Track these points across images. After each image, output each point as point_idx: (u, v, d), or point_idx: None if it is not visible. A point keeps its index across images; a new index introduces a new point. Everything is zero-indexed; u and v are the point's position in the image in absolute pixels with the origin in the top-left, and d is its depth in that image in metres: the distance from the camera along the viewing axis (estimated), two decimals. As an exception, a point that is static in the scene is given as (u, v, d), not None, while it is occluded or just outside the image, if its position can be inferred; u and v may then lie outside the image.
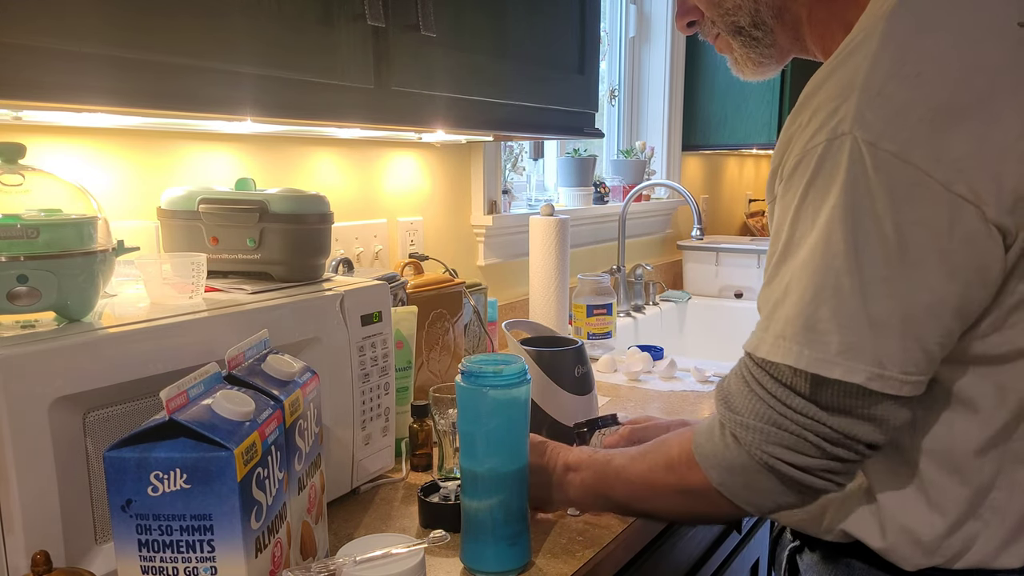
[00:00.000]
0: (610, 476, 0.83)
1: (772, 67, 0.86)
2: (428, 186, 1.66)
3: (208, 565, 0.61)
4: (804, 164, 0.65)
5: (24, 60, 0.67)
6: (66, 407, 0.67)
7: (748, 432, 0.68)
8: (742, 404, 0.70)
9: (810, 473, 0.68)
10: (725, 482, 0.71)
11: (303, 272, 0.99)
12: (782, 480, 0.69)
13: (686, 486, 0.75)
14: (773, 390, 0.68)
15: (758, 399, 0.68)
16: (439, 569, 0.85)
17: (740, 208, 3.29)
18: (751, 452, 0.69)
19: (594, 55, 1.47)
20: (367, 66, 0.98)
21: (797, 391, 0.66)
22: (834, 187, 0.62)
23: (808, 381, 0.66)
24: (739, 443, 0.69)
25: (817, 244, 0.64)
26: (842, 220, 0.62)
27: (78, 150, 1.06)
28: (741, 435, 0.69)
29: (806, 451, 0.67)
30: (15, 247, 0.69)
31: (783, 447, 0.67)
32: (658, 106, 2.55)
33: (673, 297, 2.40)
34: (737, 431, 0.69)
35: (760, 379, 0.69)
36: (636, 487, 0.81)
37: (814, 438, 0.66)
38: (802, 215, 0.65)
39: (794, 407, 0.67)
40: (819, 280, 0.64)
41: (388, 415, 1.05)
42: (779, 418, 0.67)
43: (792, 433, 0.67)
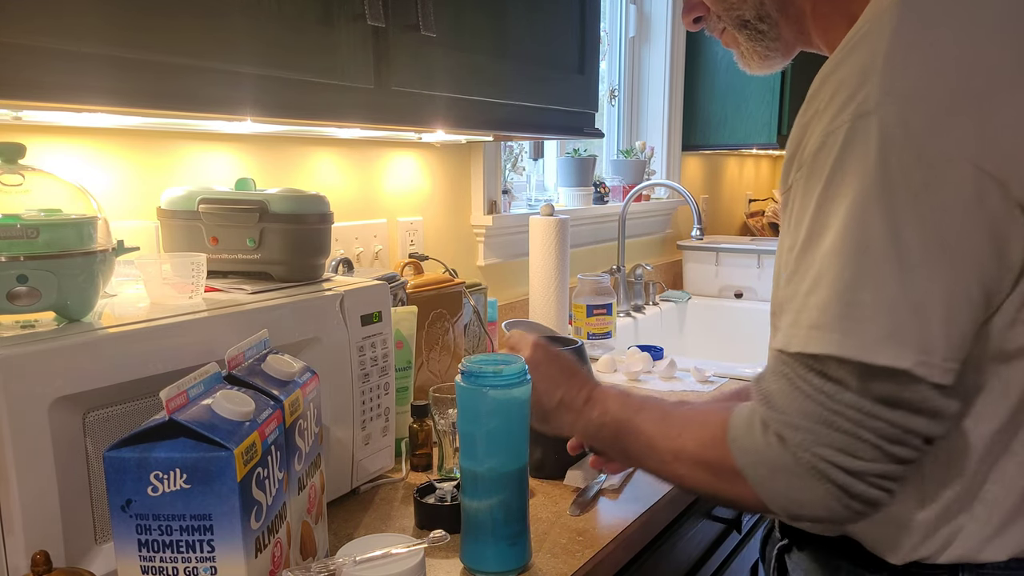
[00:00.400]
0: (632, 429, 0.79)
1: (778, 60, 0.85)
2: (428, 186, 1.66)
3: (208, 565, 0.61)
4: (828, 147, 0.63)
5: (24, 60, 0.67)
6: (66, 407, 0.67)
7: (796, 433, 0.63)
8: (787, 403, 0.64)
9: (863, 480, 0.62)
10: (763, 483, 0.66)
11: (303, 272, 0.99)
12: (830, 487, 0.63)
13: (715, 473, 0.70)
14: (820, 386, 0.62)
15: (805, 397, 0.63)
16: (439, 569, 0.85)
17: (740, 208, 3.29)
18: (797, 455, 0.63)
19: (594, 55, 1.47)
20: (367, 66, 0.98)
21: (847, 386, 0.61)
22: (865, 167, 0.60)
23: (856, 373, 0.61)
24: (784, 444, 0.64)
25: (850, 227, 0.60)
26: (877, 200, 0.59)
27: (78, 150, 1.06)
28: (788, 436, 0.64)
29: (861, 453, 0.62)
30: (15, 247, 0.69)
31: (835, 449, 0.62)
32: (658, 106, 2.55)
33: (673, 297, 2.40)
34: (783, 431, 0.64)
35: (803, 375, 0.64)
36: (659, 452, 0.75)
37: (870, 436, 0.61)
38: (830, 199, 0.62)
39: (846, 402, 0.62)
40: (855, 264, 0.60)
41: (388, 415, 1.05)
42: (830, 416, 0.62)
43: (845, 433, 0.62)
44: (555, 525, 0.95)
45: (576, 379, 0.86)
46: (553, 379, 0.86)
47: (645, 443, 0.77)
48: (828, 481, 0.63)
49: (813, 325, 0.62)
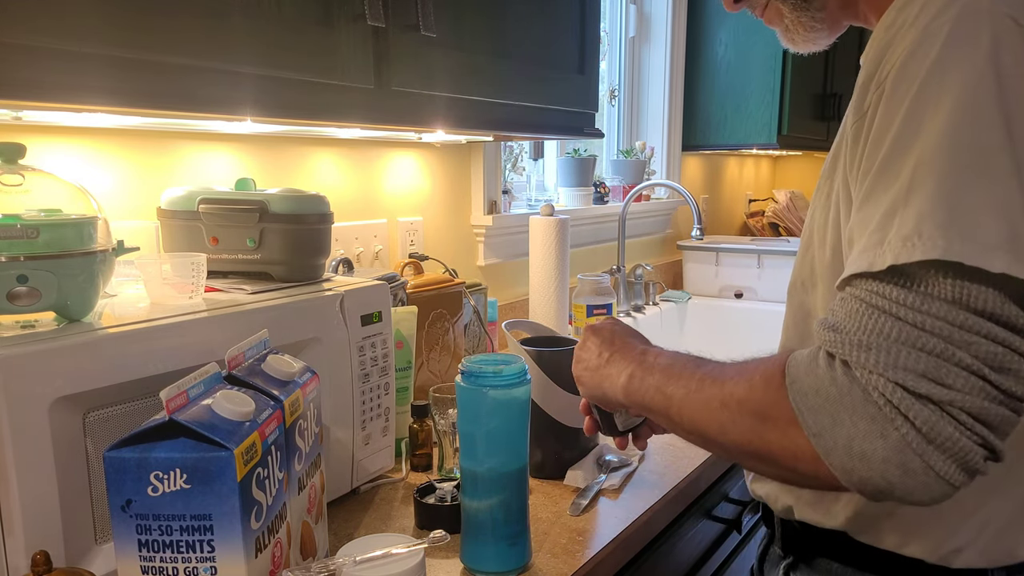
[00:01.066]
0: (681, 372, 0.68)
1: (824, 35, 0.81)
2: (428, 186, 1.66)
3: (208, 565, 0.61)
4: (926, 47, 0.56)
5: (24, 60, 0.67)
6: (66, 407, 0.67)
7: (869, 354, 0.52)
8: (857, 323, 0.53)
9: (954, 418, 0.50)
10: (823, 432, 0.53)
11: (303, 272, 0.99)
12: (908, 430, 0.50)
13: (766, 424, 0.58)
14: (903, 298, 0.52)
15: (881, 312, 0.52)
16: (439, 569, 0.85)
17: (740, 208, 3.29)
18: (869, 385, 0.51)
19: (594, 55, 1.47)
20: (367, 66, 0.98)
21: (938, 295, 0.51)
22: (972, 63, 0.54)
23: (956, 283, 0.50)
24: (852, 374, 0.52)
25: (954, 126, 0.53)
26: (987, 96, 0.53)
27: (78, 150, 1.06)
28: (858, 359, 0.52)
29: (952, 380, 0.50)
30: (15, 247, 0.69)
31: (918, 374, 0.50)
32: (658, 106, 2.55)
33: (673, 297, 2.40)
34: (853, 355, 0.52)
35: (883, 291, 0.53)
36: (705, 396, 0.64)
37: (965, 356, 0.50)
38: (926, 102, 0.55)
39: (935, 313, 0.50)
40: (962, 165, 0.52)
41: (388, 415, 1.05)
42: (914, 332, 0.51)
43: (933, 354, 0.50)
44: (555, 525, 0.95)
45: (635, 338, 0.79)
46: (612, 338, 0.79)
47: (694, 387, 0.65)
48: (904, 419, 0.50)
49: (909, 235, 0.52)
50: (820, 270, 0.72)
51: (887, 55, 0.59)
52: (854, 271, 0.55)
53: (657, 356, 0.72)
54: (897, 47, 0.58)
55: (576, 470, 1.08)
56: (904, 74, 0.57)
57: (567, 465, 1.09)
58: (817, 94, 2.73)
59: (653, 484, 1.07)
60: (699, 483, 1.14)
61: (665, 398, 0.68)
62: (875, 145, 0.58)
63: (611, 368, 0.76)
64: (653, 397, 0.69)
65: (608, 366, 0.76)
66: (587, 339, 0.81)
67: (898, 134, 0.56)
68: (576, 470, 1.08)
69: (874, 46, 0.62)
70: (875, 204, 0.56)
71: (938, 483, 0.50)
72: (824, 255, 0.70)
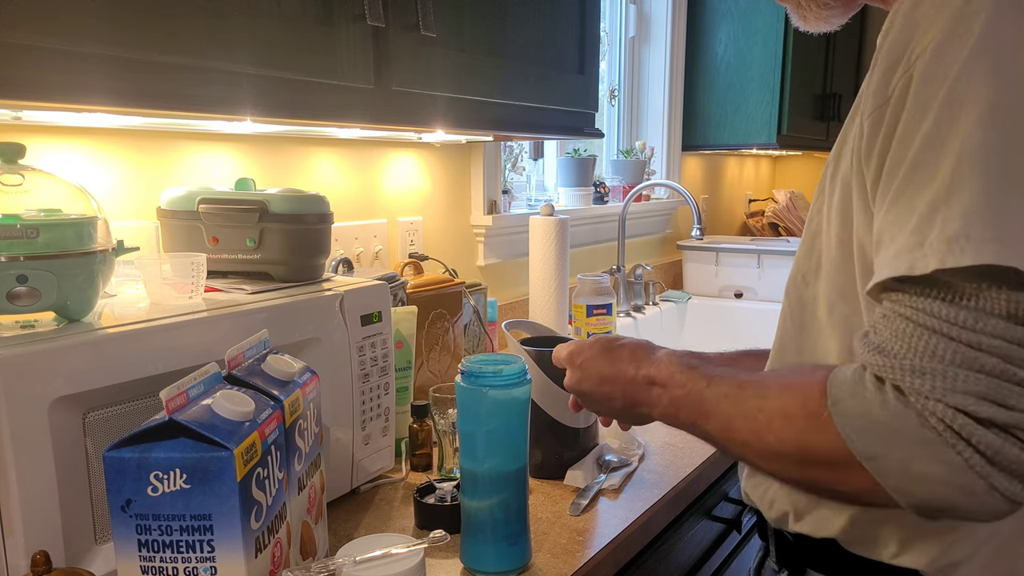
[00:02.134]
0: (707, 406, 0.66)
1: (838, 12, 0.77)
2: (428, 186, 1.66)
3: (208, 565, 0.61)
4: (962, 28, 0.52)
5: (24, 60, 0.67)
6: (66, 407, 0.67)
7: (922, 379, 0.49)
8: (907, 345, 0.51)
9: (1017, 438, 0.48)
10: (877, 456, 0.52)
11: (303, 272, 0.99)
12: (970, 453, 0.49)
13: (809, 453, 0.56)
14: (954, 316, 0.49)
15: (932, 332, 0.50)
16: (439, 569, 0.85)
17: (740, 208, 3.29)
18: (926, 411, 0.49)
19: (594, 55, 1.47)
20: (367, 66, 0.98)
21: (992, 310, 0.48)
22: (1016, 45, 0.50)
23: (1010, 295, 0.48)
24: (906, 400, 0.50)
25: (1000, 115, 0.49)
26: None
27: (78, 150, 1.06)
28: (912, 385, 0.50)
29: (1015, 401, 0.48)
30: (15, 247, 0.69)
31: (977, 397, 0.48)
32: (658, 106, 2.55)
33: (673, 297, 2.40)
34: (904, 380, 0.50)
35: (930, 308, 0.50)
36: (738, 433, 0.62)
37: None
38: (966, 90, 0.51)
39: (991, 331, 0.48)
40: (1010, 158, 0.49)
41: (388, 415, 1.05)
42: (971, 353, 0.49)
43: (992, 374, 0.48)
44: (555, 525, 0.95)
45: (624, 360, 0.76)
46: (604, 377, 0.78)
47: (724, 426, 0.64)
48: (968, 446, 0.48)
49: (955, 237, 0.49)
50: (825, 262, 0.70)
51: (916, 37, 0.55)
52: (892, 274, 0.52)
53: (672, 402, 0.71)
54: (927, 30, 0.54)
55: (576, 470, 1.08)
56: (938, 61, 0.53)
57: (567, 465, 1.09)
58: (817, 94, 2.73)
59: (653, 484, 1.07)
60: (699, 483, 1.14)
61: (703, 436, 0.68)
62: (905, 137, 0.54)
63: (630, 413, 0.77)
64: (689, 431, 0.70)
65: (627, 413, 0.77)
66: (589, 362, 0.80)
67: (933, 127, 0.52)
68: (576, 470, 1.08)
69: (898, 24, 0.57)
70: (909, 202, 0.52)
71: (1003, 502, 0.50)
72: (830, 246, 0.68)
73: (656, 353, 0.75)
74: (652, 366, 0.73)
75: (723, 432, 0.65)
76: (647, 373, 0.73)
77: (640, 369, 0.74)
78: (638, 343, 0.78)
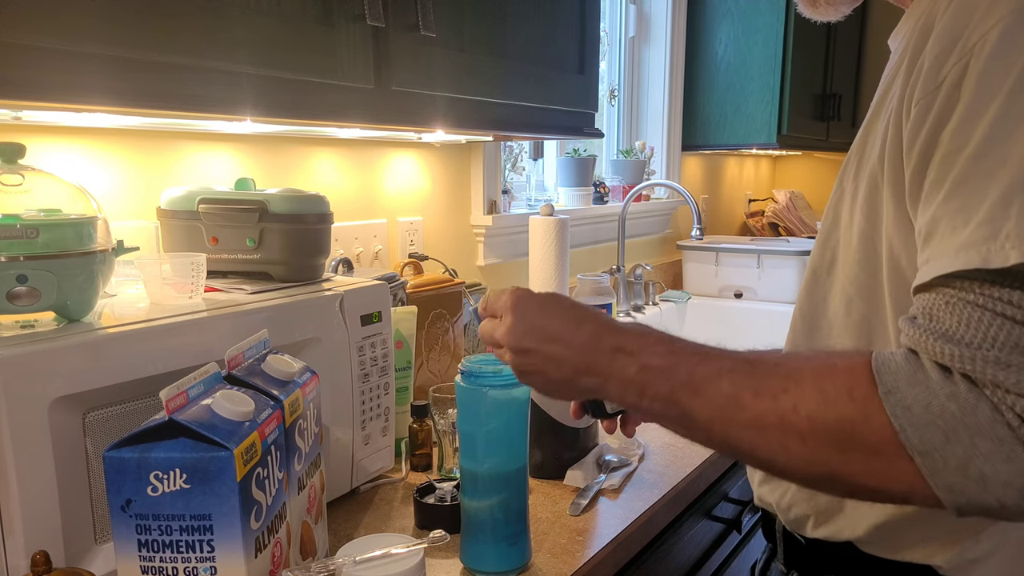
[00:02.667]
0: (696, 381, 0.57)
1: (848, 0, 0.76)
2: (428, 186, 1.66)
3: (208, 565, 0.61)
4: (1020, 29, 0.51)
5: (24, 60, 0.67)
6: (66, 407, 0.67)
7: (1009, 372, 0.47)
8: (983, 334, 0.48)
9: None
10: (932, 450, 0.49)
11: (303, 272, 0.99)
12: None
13: (849, 438, 0.51)
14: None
15: (1016, 324, 0.48)
16: (439, 569, 0.85)
17: (740, 208, 3.29)
18: (1004, 405, 0.47)
19: (594, 55, 1.47)
20: (367, 66, 0.98)
21: None
22: None
23: None
24: (978, 390, 0.48)
25: None
26: None
27: (78, 150, 1.06)
28: (992, 376, 0.47)
29: None
30: (15, 247, 0.69)
31: None
32: (658, 106, 2.55)
33: (673, 297, 2.40)
34: (988, 372, 0.47)
35: (1009, 298, 0.48)
36: (746, 411, 0.55)
37: None
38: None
39: None
40: None
41: (388, 415, 1.05)
42: None
43: None
44: (555, 525, 0.95)
45: (587, 325, 0.63)
46: (553, 334, 0.63)
47: (724, 404, 0.56)
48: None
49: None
50: (842, 254, 0.67)
51: (972, 23, 0.53)
52: (961, 267, 0.49)
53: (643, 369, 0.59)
54: (986, 16, 0.52)
55: (576, 470, 1.08)
56: (1006, 49, 0.51)
57: (567, 465, 1.09)
58: (817, 94, 2.73)
59: (653, 484, 1.07)
60: (699, 483, 1.14)
61: (684, 420, 0.58)
62: (965, 125, 0.52)
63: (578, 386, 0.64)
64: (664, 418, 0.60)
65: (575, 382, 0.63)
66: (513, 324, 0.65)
67: (1001, 116, 0.50)
68: (576, 470, 1.08)
69: (952, 9, 0.55)
70: (975, 192, 0.50)
71: None
72: (850, 241, 0.66)
73: (624, 322, 0.65)
74: (621, 334, 0.62)
75: (719, 411, 0.56)
76: (616, 340, 0.61)
77: (605, 333, 0.62)
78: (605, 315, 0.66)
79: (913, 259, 0.58)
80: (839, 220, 0.69)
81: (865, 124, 0.68)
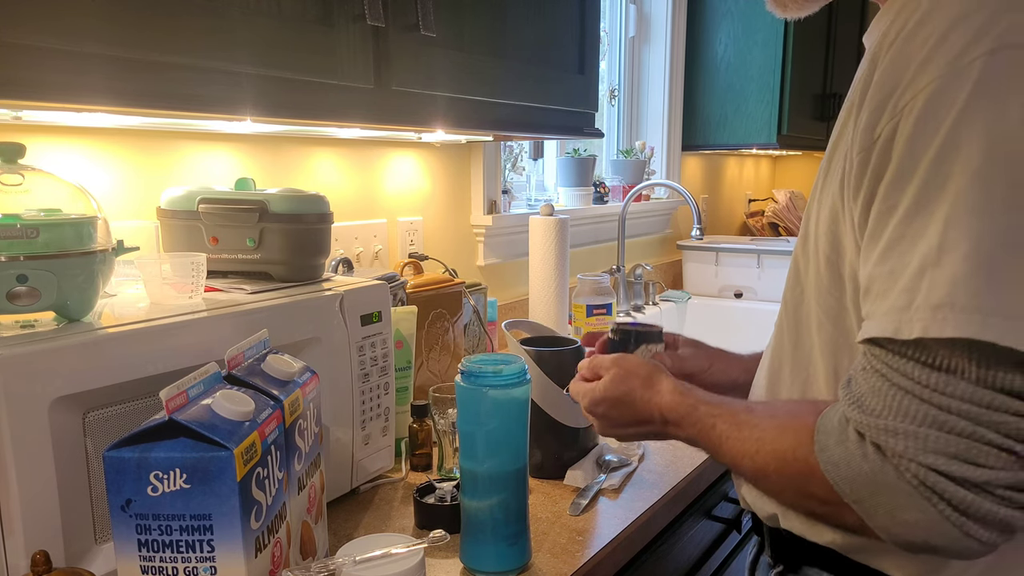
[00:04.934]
0: (712, 446, 0.72)
1: None
2: (428, 186, 1.66)
3: (208, 565, 0.61)
4: (955, 85, 0.52)
5: (24, 60, 0.67)
6: (66, 407, 0.67)
7: (898, 440, 0.53)
8: (883, 403, 0.54)
9: (990, 494, 0.51)
10: (862, 500, 0.56)
11: (303, 272, 0.99)
12: (945, 508, 0.52)
13: (804, 490, 0.61)
14: (925, 378, 0.52)
15: (905, 394, 0.53)
16: (439, 569, 0.85)
17: (740, 208, 3.29)
18: (901, 467, 0.53)
19: (594, 55, 1.47)
20: (367, 66, 0.98)
21: (962, 374, 0.51)
22: (1008, 107, 0.50)
23: (977, 360, 0.50)
24: (884, 455, 0.54)
25: (992, 179, 0.50)
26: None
27: (78, 150, 1.06)
28: (888, 444, 0.54)
29: (984, 459, 0.51)
30: (15, 247, 0.69)
31: (949, 456, 0.51)
32: (658, 106, 2.55)
33: (673, 297, 2.40)
34: (881, 439, 0.54)
35: (902, 368, 0.53)
36: (744, 471, 0.68)
37: (994, 436, 0.50)
38: (957, 148, 0.51)
39: (961, 395, 0.51)
40: (1004, 223, 0.49)
41: (388, 415, 1.05)
42: (942, 416, 0.51)
43: (963, 435, 0.51)
44: (555, 525, 0.95)
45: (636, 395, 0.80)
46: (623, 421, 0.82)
47: (731, 463, 0.70)
48: (941, 500, 0.52)
49: (940, 304, 0.51)
50: (812, 280, 0.68)
51: (905, 79, 0.55)
52: (879, 334, 0.54)
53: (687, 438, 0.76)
54: (918, 75, 0.54)
55: (576, 470, 1.08)
56: (934, 108, 0.53)
57: (567, 465, 1.09)
58: (817, 94, 2.73)
59: (653, 484, 1.07)
60: (699, 483, 1.14)
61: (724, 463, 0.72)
62: (895, 188, 0.54)
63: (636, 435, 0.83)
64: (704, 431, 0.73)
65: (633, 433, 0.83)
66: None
67: (924, 184, 0.53)
68: (576, 470, 1.08)
69: (889, 56, 0.57)
70: (901, 257, 0.54)
71: (978, 545, 0.53)
72: (818, 265, 0.67)
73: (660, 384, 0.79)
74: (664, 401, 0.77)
75: (734, 467, 0.71)
76: (660, 409, 0.78)
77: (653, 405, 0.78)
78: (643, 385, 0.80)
79: None
80: (808, 241, 0.69)
81: (835, 134, 0.67)
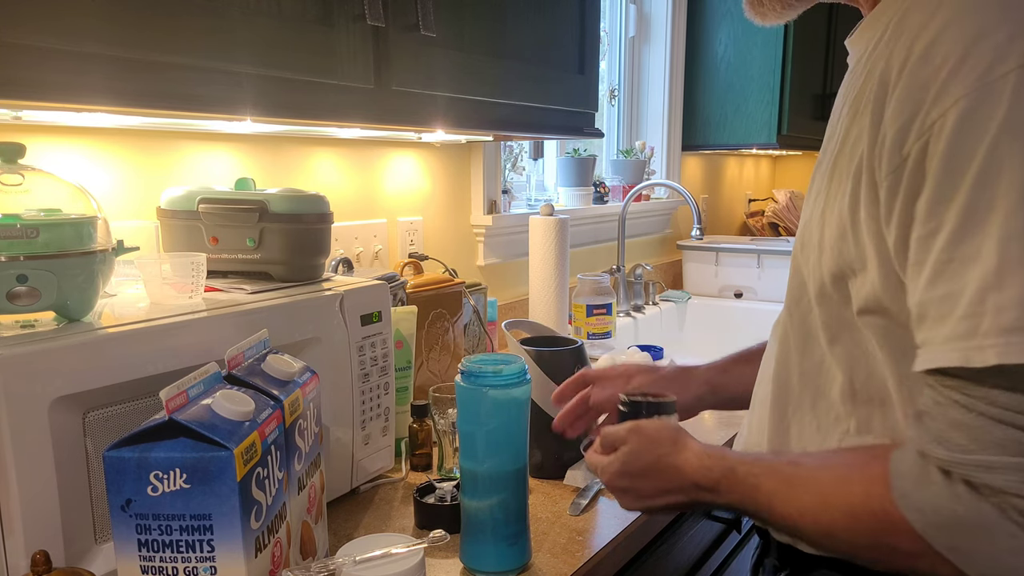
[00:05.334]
0: (761, 508, 0.66)
1: (800, 7, 0.77)
2: (428, 186, 1.66)
3: (208, 565, 0.61)
4: (989, 101, 0.50)
5: (24, 60, 0.67)
6: (66, 407, 0.67)
7: (995, 475, 0.50)
8: (972, 437, 0.51)
9: None
10: (958, 546, 0.52)
11: (303, 272, 0.99)
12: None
13: (884, 544, 0.56)
14: (1014, 404, 0.49)
15: (996, 424, 0.50)
16: (439, 569, 0.85)
17: (740, 208, 3.29)
18: (1004, 505, 0.50)
19: (594, 55, 1.47)
20: (367, 66, 0.98)
21: None
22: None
23: None
24: (977, 492, 0.51)
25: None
26: None
27: (78, 150, 1.06)
28: (984, 480, 0.50)
29: None
30: (15, 247, 0.69)
31: None
32: (658, 106, 2.55)
33: (673, 297, 2.40)
34: (975, 475, 0.51)
35: (989, 397, 0.50)
36: (805, 533, 0.63)
37: None
38: (1003, 160, 0.50)
39: None
40: None
41: (388, 415, 1.05)
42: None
43: None
44: (555, 525, 0.95)
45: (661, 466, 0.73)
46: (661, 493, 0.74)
47: (788, 525, 0.64)
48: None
49: (1011, 327, 0.49)
50: (818, 292, 0.66)
51: (931, 96, 0.53)
52: (946, 364, 0.52)
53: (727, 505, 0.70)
54: (946, 91, 0.52)
55: (576, 470, 1.08)
56: (965, 132, 0.51)
57: (567, 465, 1.09)
58: (817, 94, 2.73)
59: (653, 484, 1.07)
60: (699, 483, 1.14)
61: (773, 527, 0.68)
62: (936, 208, 0.52)
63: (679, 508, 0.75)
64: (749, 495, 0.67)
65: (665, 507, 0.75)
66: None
67: (970, 202, 0.51)
68: (576, 470, 1.08)
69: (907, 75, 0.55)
70: (953, 281, 0.51)
71: None
72: (822, 277, 0.65)
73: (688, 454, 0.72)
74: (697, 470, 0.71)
75: (791, 529, 0.65)
76: (693, 479, 0.71)
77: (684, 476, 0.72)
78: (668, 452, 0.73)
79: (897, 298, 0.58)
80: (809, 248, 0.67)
81: (831, 153, 0.65)
